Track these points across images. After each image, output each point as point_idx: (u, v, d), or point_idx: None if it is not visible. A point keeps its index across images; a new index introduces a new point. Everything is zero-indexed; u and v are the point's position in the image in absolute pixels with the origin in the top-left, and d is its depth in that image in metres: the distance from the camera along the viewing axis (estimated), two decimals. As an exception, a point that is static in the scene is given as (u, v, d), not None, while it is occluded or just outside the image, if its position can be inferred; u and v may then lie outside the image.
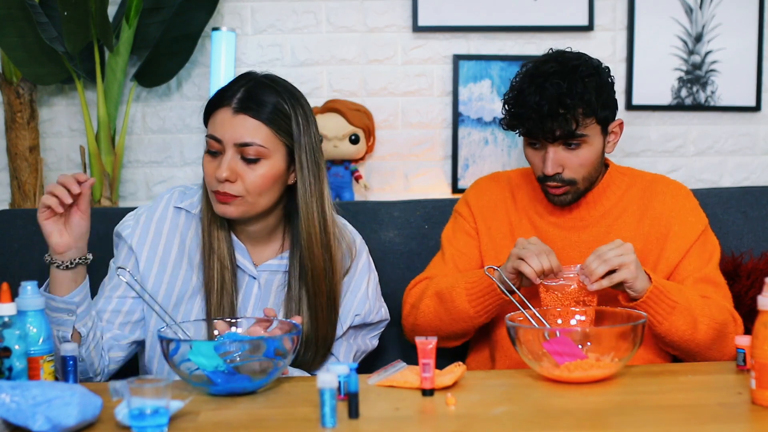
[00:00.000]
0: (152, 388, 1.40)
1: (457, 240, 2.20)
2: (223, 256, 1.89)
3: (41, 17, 2.69)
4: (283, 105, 1.84)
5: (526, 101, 1.98)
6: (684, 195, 2.15)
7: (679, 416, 1.49)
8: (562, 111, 1.95)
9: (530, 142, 2.05)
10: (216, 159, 1.83)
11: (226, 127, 1.81)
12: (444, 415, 1.52)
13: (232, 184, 1.81)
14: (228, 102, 1.83)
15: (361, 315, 1.98)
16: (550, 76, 1.98)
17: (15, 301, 1.60)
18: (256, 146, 1.81)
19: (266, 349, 1.63)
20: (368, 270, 2.03)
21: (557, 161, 2.01)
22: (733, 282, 2.31)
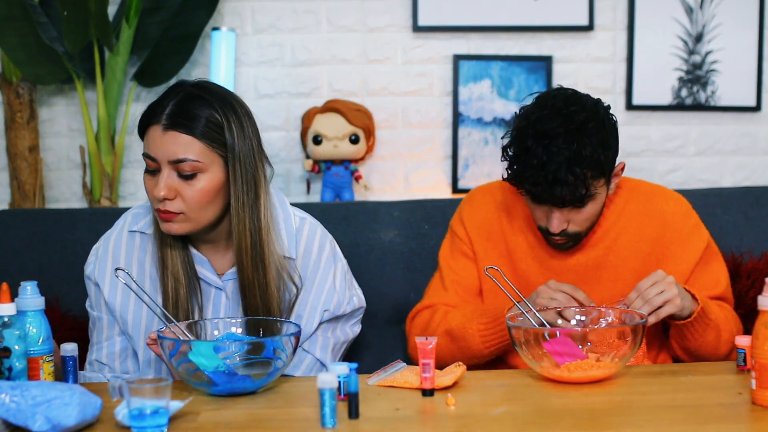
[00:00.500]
0: (152, 388, 1.40)
1: (456, 262, 2.14)
2: (176, 271, 1.85)
3: (41, 17, 2.69)
4: (214, 115, 1.79)
5: (532, 164, 1.86)
6: (684, 212, 2.09)
7: (679, 416, 1.49)
8: (572, 178, 1.85)
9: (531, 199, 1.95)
10: (155, 177, 1.80)
11: (158, 146, 1.78)
12: (444, 415, 1.52)
13: (171, 201, 1.78)
14: (158, 119, 1.79)
15: (330, 309, 1.93)
16: (556, 137, 1.85)
17: (15, 302, 1.60)
18: (190, 162, 1.77)
19: (266, 349, 1.63)
20: (333, 261, 1.95)
21: (562, 220, 1.94)
22: (734, 282, 2.31)
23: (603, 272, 2.05)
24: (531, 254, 2.08)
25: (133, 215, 1.96)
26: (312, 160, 2.96)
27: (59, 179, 3.04)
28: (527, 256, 2.08)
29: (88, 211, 2.51)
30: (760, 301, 1.52)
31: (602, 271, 2.05)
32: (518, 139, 1.91)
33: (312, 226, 1.96)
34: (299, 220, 1.95)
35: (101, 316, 1.92)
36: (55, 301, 2.29)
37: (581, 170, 1.85)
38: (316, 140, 2.92)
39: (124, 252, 1.92)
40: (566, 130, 1.86)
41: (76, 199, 3.03)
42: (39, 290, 1.68)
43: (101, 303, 1.92)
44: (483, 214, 2.13)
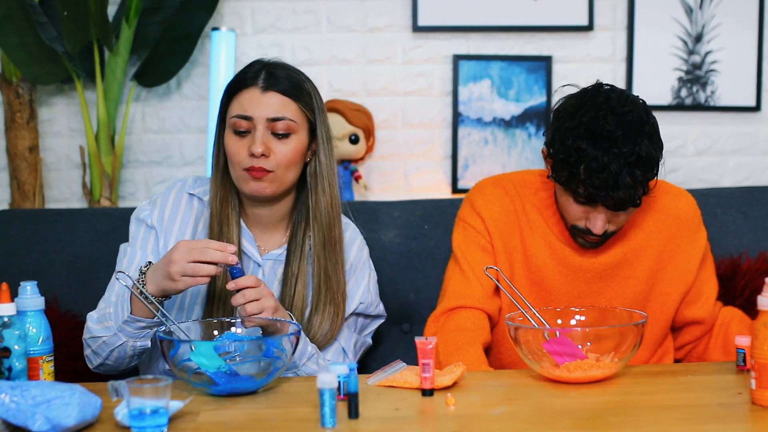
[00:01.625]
0: (152, 388, 1.40)
1: (474, 257, 2.06)
2: (231, 240, 1.92)
3: (41, 17, 2.69)
4: (304, 83, 1.93)
5: (591, 167, 1.81)
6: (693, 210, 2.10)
7: (679, 416, 1.49)
8: (631, 180, 1.82)
9: (577, 198, 1.89)
10: (244, 138, 1.88)
11: (255, 104, 1.87)
12: (444, 415, 1.52)
13: (266, 159, 1.86)
14: (253, 82, 1.89)
15: (365, 303, 2.02)
16: (615, 140, 1.81)
17: (15, 302, 1.60)
18: (287, 120, 1.88)
19: (266, 349, 1.63)
20: (369, 267, 2.07)
21: (607, 220, 1.90)
22: (731, 282, 2.32)
23: (619, 270, 2.05)
24: (548, 251, 2.04)
25: (194, 180, 2.01)
26: (312, 160, 2.96)
27: (59, 179, 3.04)
28: (543, 253, 2.04)
29: (88, 211, 2.51)
30: (760, 301, 1.52)
31: (618, 269, 2.05)
32: (571, 139, 1.84)
33: (354, 231, 2.08)
34: (344, 224, 2.05)
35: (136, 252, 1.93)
36: (55, 301, 2.29)
37: (642, 172, 1.83)
38: (316, 140, 2.92)
39: (183, 210, 1.97)
40: (624, 132, 1.82)
41: (76, 199, 3.03)
42: (39, 290, 1.68)
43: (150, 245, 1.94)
44: (499, 206, 2.07)
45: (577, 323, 1.84)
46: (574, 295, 2.04)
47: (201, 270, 1.69)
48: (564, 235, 2.04)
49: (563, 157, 1.86)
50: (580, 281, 2.03)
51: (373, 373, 1.74)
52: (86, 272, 2.35)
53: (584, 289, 2.05)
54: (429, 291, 2.37)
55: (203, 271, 1.69)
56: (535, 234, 2.05)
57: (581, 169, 1.83)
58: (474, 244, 2.06)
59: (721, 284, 2.28)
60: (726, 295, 2.29)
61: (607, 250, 2.04)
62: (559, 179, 1.90)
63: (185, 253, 1.69)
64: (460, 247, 2.08)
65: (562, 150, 1.86)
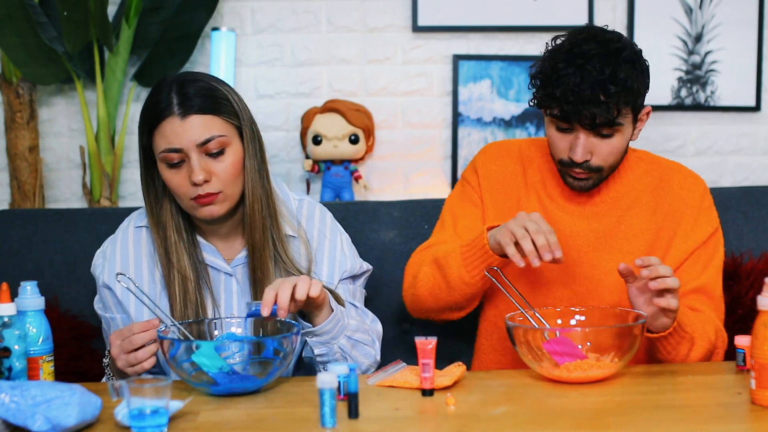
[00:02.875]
0: (152, 388, 1.39)
1: (463, 209, 2.10)
2: (182, 267, 1.86)
3: (41, 17, 2.69)
4: (219, 90, 1.84)
5: (565, 82, 1.84)
6: (701, 192, 2.05)
7: (679, 416, 1.49)
8: (604, 98, 1.83)
9: (559, 125, 1.92)
10: (180, 168, 1.80)
11: (180, 134, 1.78)
12: (444, 415, 1.52)
13: (208, 183, 1.80)
14: (168, 112, 1.79)
15: (347, 270, 1.97)
16: (591, 58, 1.84)
17: (15, 301, 1.60)
18: (217, 138, 1.80)
19: (266, 349, 1.63)
20: (338, 232, 2.01)
21: (587, 148, 1.91)
22: (733, 282, 2.31)
23: (614, 242, 2.02)
24: (545, 216, 2.00)
25: (138, 214, 1.97)
26: (312, 160, 2.96)
27: (59, 179, 3.04)
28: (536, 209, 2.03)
29: (88, 211, 2.51)
30: (759, 301, 1.52)
31: (613, 240, 2.02)
32: (550, 61, 1.89)
33: (310, 204, 2.01)
34: (297, 201, 2.00)
35: (114, 316, 1.92)
36: (55, 301, 2.28)
37: (615, 90, 1.83)
38: (316, 140, 2.92)
39: (132, 249, 1.93)
40: (601, 53, 1.86)
41: (76, 199, 3.03)
42: (39, 290, 1.68)
43: (113, 304, 1.92)
44: (498, 165, 2.09)
45: (577, 323, 1.84)
46: (567, 262, 1.99)
47: (138, 358, 1.67)
48: (560, 201, 2.04)
49: (542, 77, 1.90)
50: (571, 249, 2.00)
51: (373, 373, 1.74)
52: (86, 272, 2.34)
53: (575, 258, 2.01)
54: (429, 291, 2.36)
55: (141, 358, 1.67)
56: (531, 197, 2.06)
57: (557, 89, 1.86)
58: (466, 199, 2.11)
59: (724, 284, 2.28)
60: (730, 296, 2.29)
61: (600, 218, 2.02)
62: (539, 101, 1.93)
63: (118, 348, 1.69)
64: (451, 201, 2.14)
65: (540, 71, 1.92)
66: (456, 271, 1.95)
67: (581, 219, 2.03)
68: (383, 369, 1.74)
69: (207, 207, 1.82)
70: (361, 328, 1.85)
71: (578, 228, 2.03)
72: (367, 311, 1.99)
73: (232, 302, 1.91)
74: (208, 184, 1.80)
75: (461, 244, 1.95)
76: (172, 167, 1.81)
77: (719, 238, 2.05)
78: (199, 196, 1.80)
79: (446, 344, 2.18)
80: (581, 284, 2.01)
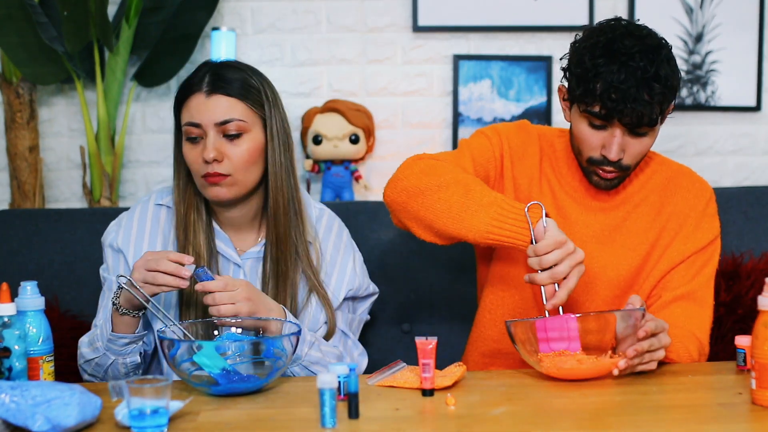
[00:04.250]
0: (152, 388, 1.40)
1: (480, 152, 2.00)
2: (198, 245, 1.90)
3: (41, 17, 2.69)
4: (251, 80, 1.89)
5: (607, 79, 1.80)
6: (707, 198, 2.04)
7: (679, 416, 1.49)
8: (648, 98, 1.80)
9: (593, 122, 1.87)
10: (198, 144, 1.87)
11: (202, 110, 1.86)
12: (444, 415, 1.52)
13: (219, 163, 1.85)
14: (197, 88, 1.87)
15: (353, 289, 2.00)
16: (633, 56, 1.80)
17: (15, 302, 1.60)
18: (236, 121, 1.85)
19: (266, 349, 1.63)
20: (352, 249, 2.04)
21: (622, 147, 1.87)
22: (733, 282, 2.31)
23: (617, 237, 2.01)
24: (552, 201, 2.01)
25: (160, 191, 2.01)
26: (312, 160, 2.96)
27: (59, 179, 3.04)
28: (547, 202, 2.01)
29: (88, 211, 2.51)
30: (760, 301, 1.52)
31: (617, 235, 2.01)
32: (588, 56, 1.84)
33: (331, 217, 2.05)
34: (318, 210, 2.04)
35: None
36: (55, 301, 2.29)
37: (659, 89, 1.80)
38: (316, 140, 2.92)
39: (150, 224, 1.96)
40: (642, 50, 1.82)
41: (76, 199, 3.03)
42: (39, 290, 1.68)
43: (120, 269, 1.93)
44: (519, 139, 2.04)
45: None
46: None
47: (158, 279, 1.71)
48: (570, 190, 2.02)
49: (580, 73, 1.85)
50: (575, 239, 1.96)
51: (373, 373, 1.74)
52: (86, 272, 2.35)
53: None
54: (429, 291, 2.37)
55: (160, 280, 1.71)
56: (544, 183, 2.04)
57: (598, 85, 1.81)
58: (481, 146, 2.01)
59: (724, 284, 2.28)
60: (730, 296, 2.29)
61: (608, 212, 2.01)
62: (575, 98, 1.88)
63: (144, 262, 1.72)
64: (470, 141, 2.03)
65: (579, 67, 1.85)
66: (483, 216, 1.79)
67: (589, 210, 2.02)
68: (383, 369, 1.74)
69: (214, 187, 1.86)
70: (322, 361, 1.86)
71: (585, 218, 2.02)
72: (357, 344, 2.00)
73: None
74: (219, 165, 1.85)
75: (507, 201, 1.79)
76: (190, 141, 1.88)
77: (717, 247, 2.04)
78: (208, 174, 1.85)
79: (446, 344, 2.18)
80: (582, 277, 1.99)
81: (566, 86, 1.93)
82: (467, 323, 2.18)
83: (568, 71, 1.90)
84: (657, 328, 1.67)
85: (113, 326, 1.79)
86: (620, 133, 1.86)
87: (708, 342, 1.96)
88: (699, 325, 1.95)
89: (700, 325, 1.95)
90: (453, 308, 2.38)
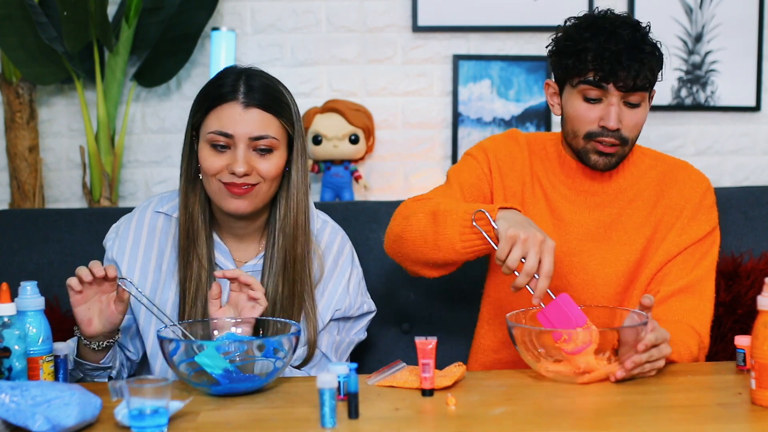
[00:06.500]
0: (152, 388, 1.39)
1: (469, 174, 2.06)
2: (202, 255, 1.87)
3: (41, 17, 2.69)
4: (284, 95, 1.86)
5: (597, 46, 1.87)
6: (704, 189, 2.04)
7: (679, 416, 1.49)
8: (638, 61, 1.87)
9: (588, 95, 1.92)
10: (223, 153, 1.82)
11: (237, 122, 1.80)
12: (444, 415, 1.52)
13: (248, 176, 1.82)
14: (232, 97, 1.81)
15: (341, 309, 1.96)
16: (618, 26, 1.89)
17: (14, 302, 1.60)
18: (270, 138, 1.82)
19: (266, 349, 1.63)
20: (350, 265, 2.01)
21: (619, 117, 1.91)
22: (733, 282, 2.31)
23: (613, 233, 2.01)
24: (545, 203, 2.03)
25: (161, 197, 1.97)
26: (312, 160, 2.97)
27: (59, 179, 3.04)
28: (540, 205, 2.04)
29: (88, 211, 2.51)
30: (759, 301, 1.52)
31: (612, 231, 2.01)
32: (575, 31, 1.92)
33: (333, 230, 2.01)
34: (321, 222, 2.00)
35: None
36: (55, 301, 2.28)
37: (649, 51, 1.89)
38: (316, 140, 2.92)
39: (146, 232, 1.93)
40: (625, 22, 1.91)
41: (76, 199, 3.03)
42: (39, 290, 1.68)
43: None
44: (507, 151, 2.08)
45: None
46: (564, 251, 2.00)
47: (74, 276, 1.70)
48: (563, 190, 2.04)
49: (570, 45, 1.92)
50: (571, 237, 2.00)
51: (373, 373, 1.73)
52: (86, 272, 2.35)
53: (574, 248, 2.01)
54: (429, 291, 2.37)
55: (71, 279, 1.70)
56: (536, 186, 2.06)
57: (589, 55, 1.88)
58: (472, 171, 2.07)
59: (724, 284, 2.28)
60: (730, 296, 2.29)
61: (601, 208, 2.02)
62: (569, 72, 1.93)
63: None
64: (455, 169, 2.10)
65: (568, 41, 1.93)
66: (450, 233, 1.84)
67: (583, 208, 2.03)
68: (383, 369, 1.74)
69: (235, 200, 1.83)
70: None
71: (580, 217, 2.02)
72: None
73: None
74: (247, 177, 1.82)
75: (465, 210, 1.83)
76: (214, 149, 1.82)
77: (715, 238, 2.03)
78: (234, 185, 1.81)
79: (446, 344, 2.18)
80: (576, 275, 2.01)
81: (553, 78, 1.98)
82: (467, 323, 2.18)
83: (556, 52, 1.96)
84: (657, 340, 1.66)
85: (78, 350, 1.78)
86: (616, 101, 1.90)
87: (708, 335, 1.95)
88: (698, 318, 1.95)
89: (699, 318, 1.95)
90: (453, 308, 2.38)
